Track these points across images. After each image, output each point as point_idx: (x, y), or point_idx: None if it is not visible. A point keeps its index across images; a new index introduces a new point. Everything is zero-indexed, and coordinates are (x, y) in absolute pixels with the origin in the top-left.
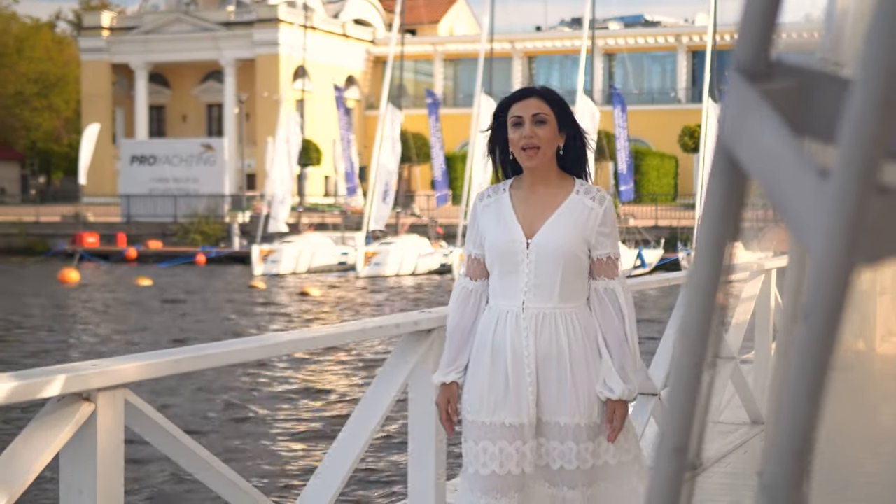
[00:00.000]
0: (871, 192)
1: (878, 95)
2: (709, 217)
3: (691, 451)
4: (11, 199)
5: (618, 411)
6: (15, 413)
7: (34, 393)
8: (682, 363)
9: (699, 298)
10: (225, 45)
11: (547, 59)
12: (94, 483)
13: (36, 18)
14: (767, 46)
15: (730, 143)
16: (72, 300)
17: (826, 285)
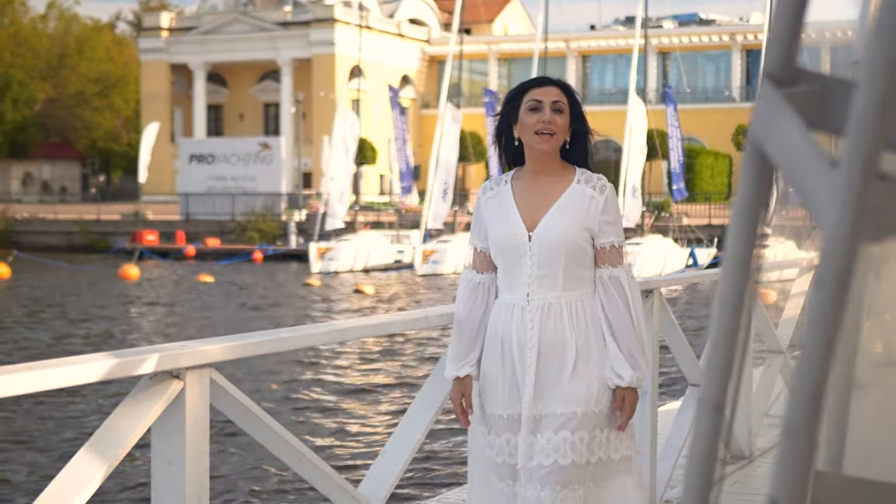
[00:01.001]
0: (873, 179)
1: (877, 97)
2: (741, 203)
3: (728, 408)
4: (72, 198)
5: (627, 398)
6: (103, 390)
7: (131, 370)
8: (720, 329)
9: (733, 271)
10: (282, 44)
11: (601, 58)
12: (183, 454)
13: (96, 19)
14: (793, 56)
15: (759, 139)
16: (136, 295)
17: (835, 258)
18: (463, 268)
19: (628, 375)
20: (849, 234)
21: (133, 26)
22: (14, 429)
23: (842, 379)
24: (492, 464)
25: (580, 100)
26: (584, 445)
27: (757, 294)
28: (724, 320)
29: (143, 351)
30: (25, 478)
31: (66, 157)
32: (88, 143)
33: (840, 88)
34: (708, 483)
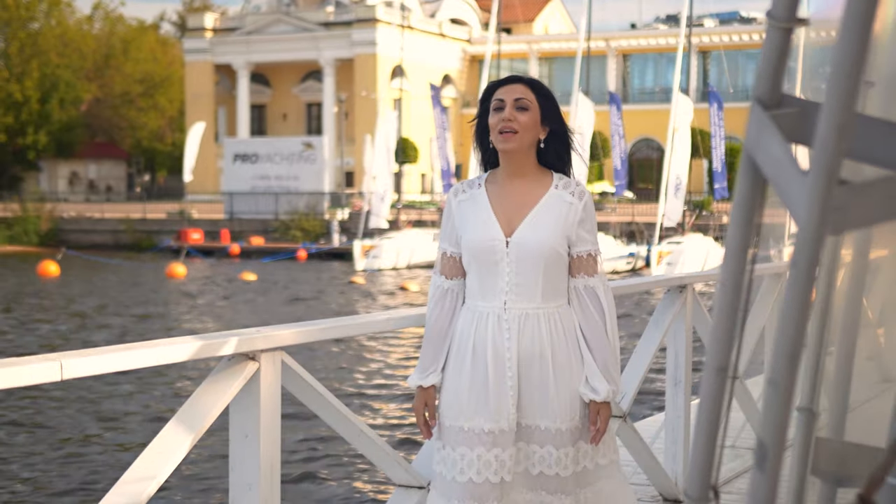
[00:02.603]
0: (835, 184)
1: (836, 120)
2: (738, 201)
3: (730, 370)
4: (118, 197)
5: (602, 412)
6: (180, 371)
7: (212, 352)
8: (721, 307)
9: (732, 258)
10: (324, 45)
11: (641, 56)
12: (258, 429)
13: (141, 20)
14: (778, 85)
15: (750, 150)
16: (185, 292)
17: (806, 245)
18: (433, 275)
19: (603, 390)
20: (816, 227)
21: (177, 27)
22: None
23: (844, 355)
24: (440, 481)
25: (554, 96)
26: (570, 459)
27: (753, 283)
28: (725, 299)
29: (223, 335)
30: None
31: (111, 156)
32: (133, 143)
33: (813, 110)
34: (713, 438)
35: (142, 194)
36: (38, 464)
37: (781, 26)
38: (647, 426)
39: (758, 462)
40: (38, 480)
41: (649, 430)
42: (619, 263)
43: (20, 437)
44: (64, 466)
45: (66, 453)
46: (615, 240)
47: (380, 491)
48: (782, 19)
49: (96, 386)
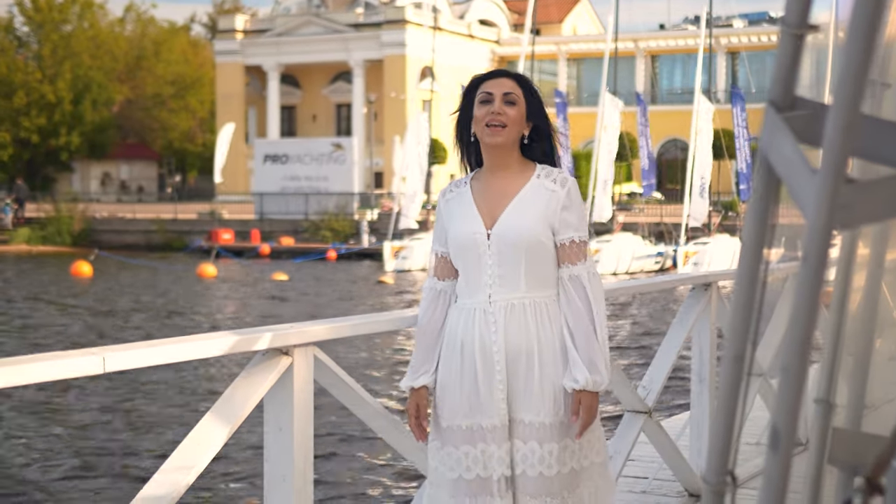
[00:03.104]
0: (842, 182)
1: (843, 122)
2: (753, 199)
3: (747, 359)
4: (149, 197)
5: (583, 402)
6: (216, 366)
7: (248, 346)
8: (738, 299)
9: (749, 253)
10: (354, 46)
11: (670, 57)
12: (291, 422)
13: (172, 22)
14: (791, 88)
15: (766, 151)
16: (217, 291)
17: (815, 240)
18: (427, 278)
19: (583, 378)
20: (824, 223)
21: (207, 28)
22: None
23: (862, 348)
24: (444, 480)
25: (540, 94)
26: (554, 458)
27: (767, 273)
28: (741, 292)
29: (258, 330)
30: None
31: (143, 157)
32: (165, 144)
33: (823, 112)
34: (731, 425)
35: (173, 195)
36: (79, 453)
37: (794, 32)
38: (674, 423)
39: (771, 444)
40: (79, 468)
41: (675, 427)
42: (647, 263)
43: (63, 427)
44: (102, 458)
45: (105, 443)
46: (643, 240)
47: (409, 484)
48: (794, 26)
49: (134, 378)
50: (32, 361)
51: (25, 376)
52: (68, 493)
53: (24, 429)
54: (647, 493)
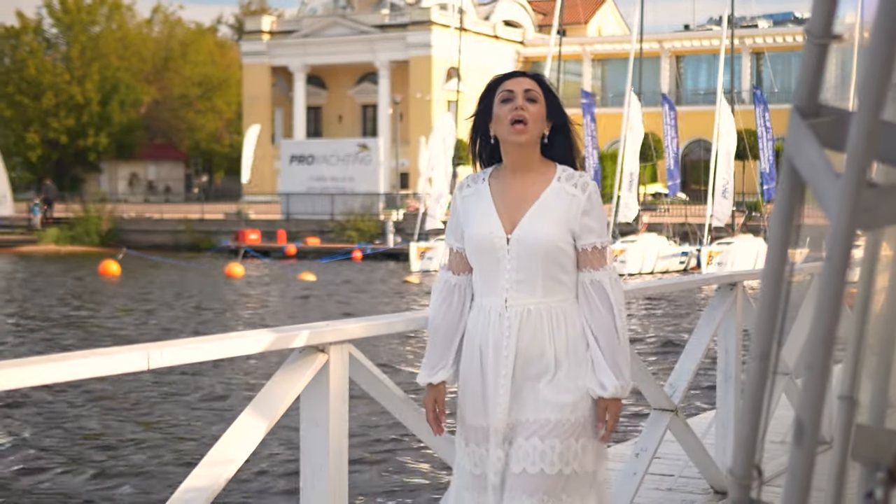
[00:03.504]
0: (864, 186)
1: (866, 127)
2: (779, 201)
3: (773, 356)
4: (176, 198)
5: (610, 409)
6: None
7: (286, 344)
8: (764, 297)
9: (775, 253)
10: (379, 47)
11: (694, 58)
12: (327, 417)
13: (199, 24)
14: (815, 95)
15: (791, 156)
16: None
17: (838, 241)
18: (439, 268)
19: (612, 386)
20: (847, 225)
21: (234, 30)
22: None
23: (885, 346)
24: (469, 476)
25: (557, 92)
26: (556, 455)
27: (792, 272)
28: (767, 291)
29: (295, 328)
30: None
31: (170, 157)
32: (192, 145)
33: (847, 118)
34: (757, 420)
35: (200, 195)
36: (122, 447)
37: (818, 42)
38: (700, 422)
39: (796, 439)
40: (121, 462)
41: (701, 425)
42: (671, 263)
43: (106, 420)
44: (143, 450)
45: (146, 437)
46: (668, 240)
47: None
48: (819, 35)
49: (172, 375)
50: (80, 358)
51: (73, 372)
52: (108, 486)
53: (65, 421)
54: (674, 490)
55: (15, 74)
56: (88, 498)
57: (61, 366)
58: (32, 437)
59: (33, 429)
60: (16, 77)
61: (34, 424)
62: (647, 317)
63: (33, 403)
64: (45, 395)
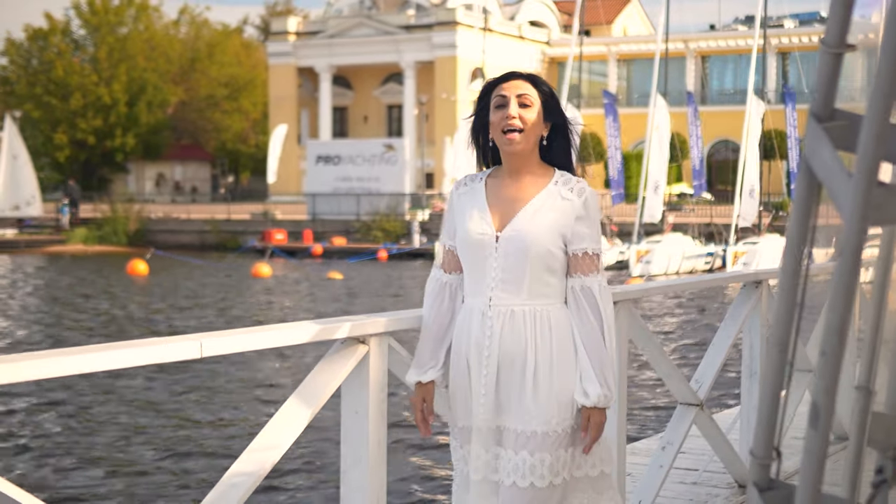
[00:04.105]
0: (874, 185)
1: (875, 130)
2: (797, 200)
3: (790, 346)
4: (202, 198)
5: (593, 418)
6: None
7: (329, 335)
8: (783, 290)
9: (792, 248)
10: (405, 47)
11: (720, 58)
12: (367, 406)
13: (226, 25)
14: (830, 101)
15: (808, 157)
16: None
17: (851, 237)
18: (433, 267)
19: (595, 394)
20: (859, 221)
21: (260, 31)
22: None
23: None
24: (464, 477)
25: (557, 93)
26: (546, 467)
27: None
28: (785, 284)
29: (338, 320)
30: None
31: (196, 158)
32: (218, 145)
33: (858, 123)
34: (775, 405)
35: (226, 195)
36: (169, 435)
37: (833, 52)
38: (725, 417)
39: (811, 421)
40: (169, 449)
41: (726, 421)
42: (697, 263)
43: (154, 411)
44: (187, 441)
45: (192, 425)
46: (693, 240)
47: None
48: (833, 46)
49: (207, 367)
50: (135, 346)
51: (129, 360)
52: (159, 473)
53: (117, 412)
54: (699, 483)
55: (43, 76)
56: (150, 476)
57: (121, 353)
58: (82, 426)
59: (83, 417)
60: (44, 78)
61: (84, 414)
62: (673, 314)
63: (82, 393)
64: (89, 385)
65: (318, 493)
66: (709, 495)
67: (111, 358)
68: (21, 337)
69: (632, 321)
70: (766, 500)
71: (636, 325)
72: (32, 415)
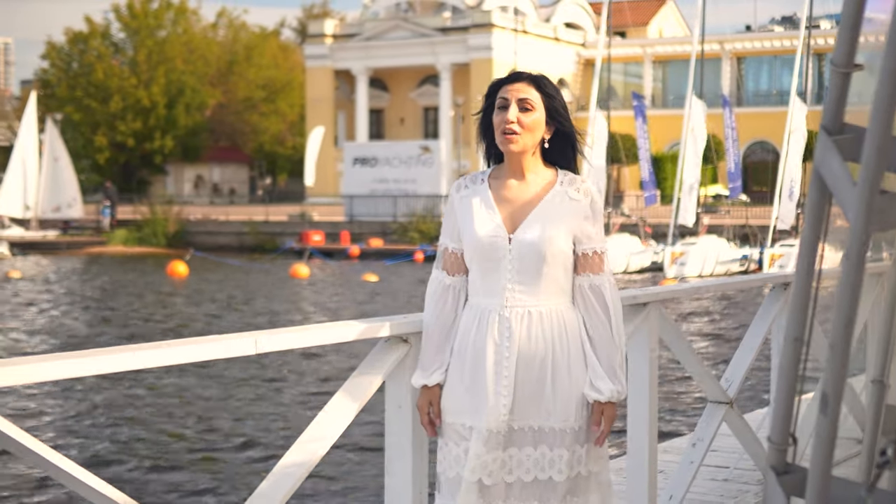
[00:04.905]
0: (877, 193)
1: (876, 142)
2: (809, 207)
3: (804, 340)
4: (240, 199)
5: (606, 413)
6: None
7: (374, 333)
8: (797, 289)
9: (806, 251)
10: (441, 50)
11: (756, 59)
12: (409, 401)
13: (263, 27)
14: (840, 116)
15: (818, 167)
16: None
17: (856, 240)
18: (433, 269)
19: (608, 390)
20: (863, 226)
21: (297, 33)
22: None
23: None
24: (443, 477)
25: (559, 93)
26: (564, 462)
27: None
28: (800, 283)
29: (381, 320)
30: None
31: (234, 160)
32: (255, 147)
33: (864, 136)
34: (791, 395)
35: (264, 197)
36: (223, 427)
37: (841, 71)
38: (755, 416)
39: (821, 408)
40: (221, 442)
41: (756, 419)
42: (732, 266)
43: (209, 403)
44: (239, 434)
45: (245, 416)
46: (728, 242)
47: None
48: (842, 66)
49: (253, 365)
50: (193, 343)
51: (187, 356)
52: (213, 463)
53: (171, 403)
54: (729, 480)
55: (83, 79)
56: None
57: (181, 349)
58: (148, 417)
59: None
60: (84, 81)
61: (145, 409)
62: (706, 315)
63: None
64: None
65: (361, 477)
66: (739, 491)
67: (173, 354)
68: (84, 335)
69: (662, 322)
70: (783, 482)
71: (666, 325)
72: (94, 404)
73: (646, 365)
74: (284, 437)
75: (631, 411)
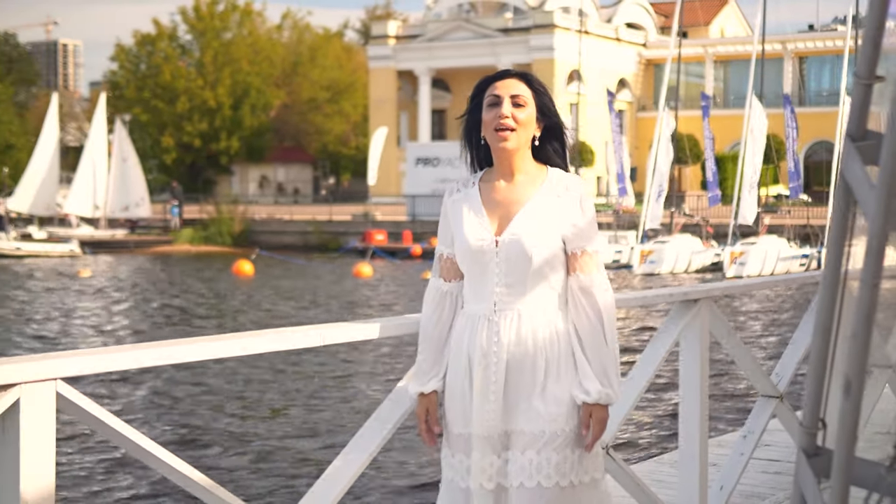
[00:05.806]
0: (893, 195)
1: (893, 146)
2: (836, 209)
3: (833, 332)
4: (304, 199)
5: (594, 415)
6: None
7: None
8: (825, 287)
9: (832, 254)
10: (503, 50)
11: (818, 58)
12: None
13: (327, 29)
14: (864, 123)
15: (844, 171)
16: (378, 290)
17: (874, 239)
18: (430, 277)
19: (595, 391)
20: (881, 225)
21: (361, 34)
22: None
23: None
24: (455, 488)
25: (550, 92)
26: (552, 467)
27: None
28: (828, 279)
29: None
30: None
31: (298, 160)
32: (319, 147)
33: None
34: (821, 383)
35: (327, 197)
36: (291, 414)
37: (864, 83)
38: None
39: (844, 393)
40: (287, 425)
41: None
42: (792, 265)
43: (271, 393)
44: (305, 420)
45: (311, 403)
46: (788, 242)
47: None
48: (865, 77)
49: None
50: (264, 336)
51: (259, 347)
52: (284, 451)
53: (243, 393)
54: (781, 474)
55: (151, 80)
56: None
57: (254, 341)
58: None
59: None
60: (151, 83)
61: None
62: (762, 312)
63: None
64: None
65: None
66: (790, 484)
67: (247, 344)
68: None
69: (713, 318)
70: (813, 464)
71: (718, 321)
72: (168, 394)
73: (697, 360)
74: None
75: (682, 404)
